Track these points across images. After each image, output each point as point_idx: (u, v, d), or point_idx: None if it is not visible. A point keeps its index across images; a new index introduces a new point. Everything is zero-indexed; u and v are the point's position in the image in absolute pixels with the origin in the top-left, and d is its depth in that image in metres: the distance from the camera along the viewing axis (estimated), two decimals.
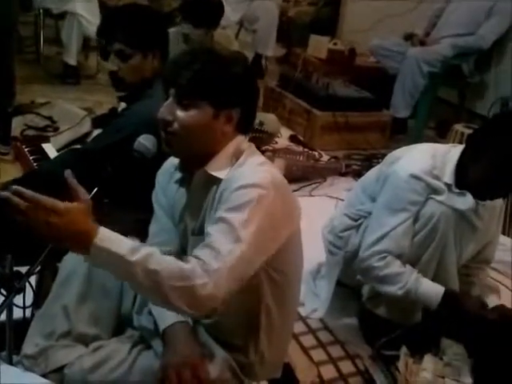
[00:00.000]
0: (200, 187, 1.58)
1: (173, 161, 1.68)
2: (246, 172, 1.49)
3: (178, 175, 1.63)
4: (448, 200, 2.06)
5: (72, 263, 1.75)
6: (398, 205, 2.09)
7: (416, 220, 2.08)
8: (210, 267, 1.32)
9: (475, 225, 2.14)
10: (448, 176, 2.08)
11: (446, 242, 2.09)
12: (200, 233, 1.58)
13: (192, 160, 1.57)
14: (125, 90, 2.18)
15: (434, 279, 2.11)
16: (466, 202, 2.07)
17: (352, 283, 2.39)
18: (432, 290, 2.08)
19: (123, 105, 2.32)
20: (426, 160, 2.10)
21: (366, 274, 2.18)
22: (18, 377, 1.37)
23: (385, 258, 2.07)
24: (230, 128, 1.54)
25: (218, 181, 1.53)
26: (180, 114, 1.50)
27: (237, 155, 1.55)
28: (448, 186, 2.07)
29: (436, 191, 2.07)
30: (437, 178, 2.08)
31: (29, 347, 1.64)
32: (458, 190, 2.07)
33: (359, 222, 2.32)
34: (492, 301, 2.19)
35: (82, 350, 1.64)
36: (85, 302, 1.71)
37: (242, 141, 1.58)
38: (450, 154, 2.13)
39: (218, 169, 1.53)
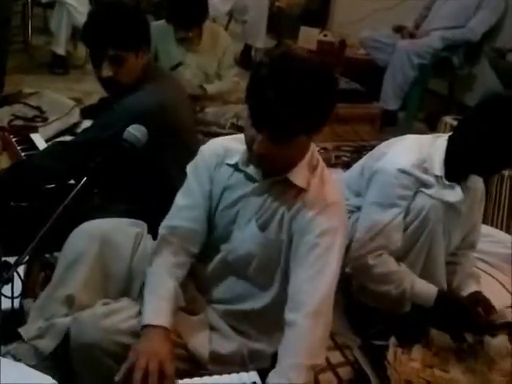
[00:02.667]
0: (274, 187, 1.64)
1: (223, 143, 1.72)
2: (324, 187, 1.63)
3: (235, 160, 1.66)
4: (437, 193, 2.06)
5: (80, 247, 1.74)
6: (388, 200, 2.09)
7: (406, 214, 2.08)
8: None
9: (460, 210, 2.14)
10: (438, 168, 2.08)
11: (435, 234, 2.10)
12: (263, 229, 1.64)
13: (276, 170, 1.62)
14: (120, 91, 2.15)
15: (422, 270, 2.12)
16: (455, 194, 2.07)
17: (340, 275, 2.38)
18: (426, 290, 2.09)
19: None
20: (414, 153, 2.10)
21: (361, 272, 2.15)
22: (5, 368, 1.36)
23: (380, 255, 2.07)
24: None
25: (289, 185, 1.60)
26: (277, 150, 1.49)
27: (312, 163, 1.64)
28: (438, 178, 2.07)
29: (425, 185, 2.07)
30: (426, 171, 2.08)
31: (32, 332, 1.66)
32: (448, 183, 2.07)
33: None
34: (472, 288, 2.22)
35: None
36: (90, 290, 1.72)
37: (314, 148, 1.66)
38: (435, 144, 2.13)
39: (298, 177, 1.60)
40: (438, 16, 4.83)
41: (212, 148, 1.73)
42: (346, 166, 3.73)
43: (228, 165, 1.68)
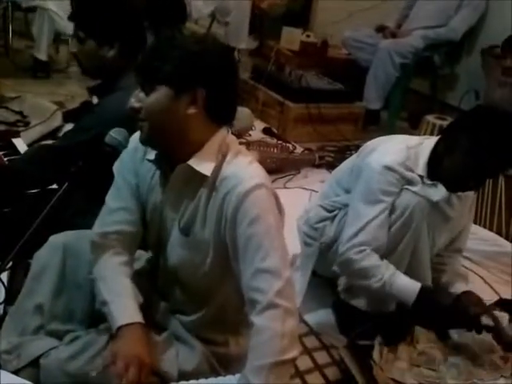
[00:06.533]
0: (181, 181, 1.55)
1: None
2: (242, 172, 1.48)
3: (152, 155, 1.57)
4: (422, 191, 2.08)
5: (44, 258, 1.72)
6: (374, 196, 2.10)
7: (392, 211, 2.09)
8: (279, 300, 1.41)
9: (448, 214, 2.16)
10: (421, 168, 2.10)
11: (420, 231, 2.11)
12: (187, 233, 1.56)
13: (171, 153, 1.53)
14: (87, 73, 2.19)
15: (407, 269, 2.13)
16: (438, 192, 2.09)
17: (327, 274, 2.40)
18: (408, 285, 2.07)
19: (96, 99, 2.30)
20: (400, 151, 2.11)
21: (344, 267, 2.17)
22: None
23: (363, 250, 2.08)
24: (197, 111, 1.47)
25: (202, 177, 1.50)
26: (143, 99, 1.47)
27: (223, 151, 1.51)
28: (421, 177, 2.09)
29: (410, 182, 2.09)
30: (410, 169, 2.09)
31: (2, 345, 1.62)
32: (430, 182, 2.09)
33: (334, 213, 2.32)
34: (460, 287, 2.21)
35: (55, 342, 1.62)
36: (58, 298, 1.69)
37: (225, 135, 1.54)
38: (422, 145, 2.15)
39: (202, 164, 1.49)
40: (420, 15, 4.86)
41: (135, 141, 1.63)
42: (331, 166, 3.75)
43: (148, 160, 1.59)
